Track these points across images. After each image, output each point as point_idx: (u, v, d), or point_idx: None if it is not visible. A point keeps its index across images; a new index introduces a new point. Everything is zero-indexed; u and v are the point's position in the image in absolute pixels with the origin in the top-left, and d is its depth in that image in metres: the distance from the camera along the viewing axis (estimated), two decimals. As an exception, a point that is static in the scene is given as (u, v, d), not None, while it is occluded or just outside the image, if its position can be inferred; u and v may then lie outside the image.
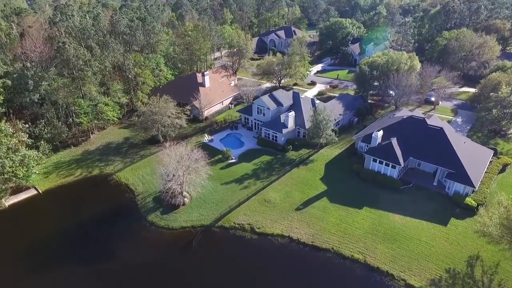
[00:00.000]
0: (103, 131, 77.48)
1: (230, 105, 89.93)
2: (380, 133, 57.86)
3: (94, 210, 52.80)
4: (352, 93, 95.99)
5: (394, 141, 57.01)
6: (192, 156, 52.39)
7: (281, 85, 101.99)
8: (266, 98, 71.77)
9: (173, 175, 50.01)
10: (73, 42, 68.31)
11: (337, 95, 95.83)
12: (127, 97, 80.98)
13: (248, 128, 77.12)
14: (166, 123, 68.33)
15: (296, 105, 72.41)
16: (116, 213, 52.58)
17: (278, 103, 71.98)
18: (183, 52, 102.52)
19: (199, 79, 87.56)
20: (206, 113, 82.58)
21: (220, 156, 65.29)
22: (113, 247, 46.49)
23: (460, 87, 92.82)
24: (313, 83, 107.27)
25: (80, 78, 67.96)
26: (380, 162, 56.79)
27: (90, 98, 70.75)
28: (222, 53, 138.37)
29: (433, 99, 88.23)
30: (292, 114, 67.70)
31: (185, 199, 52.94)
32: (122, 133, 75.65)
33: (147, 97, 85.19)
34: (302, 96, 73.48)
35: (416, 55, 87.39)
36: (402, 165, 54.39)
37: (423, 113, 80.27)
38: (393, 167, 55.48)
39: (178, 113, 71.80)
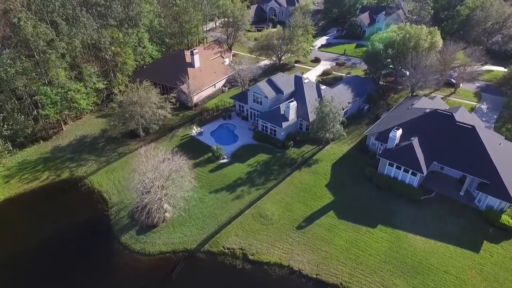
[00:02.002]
0: (78, 121, 67.91)
1: (224, 88, 79.51)
2: (399, 132, 48.39)
3: (58, 226, 44.57)
4: (361, 73, 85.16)
5: (415, 142, 47.73)
6: (173, 163, 43.58)
7: (281, 62, 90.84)
8: (263, 85, 61.47)
9: (150, 187, 41.41)
10: (32, 18, 56.98)
11: (344, 74, 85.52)
12: (104, 82, 70.50)
13: (243, 117, 67.42)
14: (147, 115, 58.71)
15: (298, 92, 62.29)
16: (84, 231, 44.40)
17: (278, 90, 61.80)
18: (170, 25, 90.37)
19: (188, 59, 76.53)
20: (196, 98, 72.51)
21: (209, 155, 56.28)
22: (74, 278, 38.64)
23: (482, 65, 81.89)
24: (317, 60, 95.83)
25: (43, 62, 57.35)
26: (398, 167, 47.89)
27: (59, 85, 60.49)
28: (217, 23, 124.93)
29: (453, 80, 77.75)
30: (293, 104, 57.80)
31: (166, 213, 44.65)
32: (99, 124, 66.10)
33: (128, 79, 75.24)
34: (305, 81, 63.15)
35: (438, 29, 75.50)
36: (425, 173, 45.49)
37: (442, 98, 70.49)
38: (414, 174, 46.65)
39: (162, 101, 61.99)
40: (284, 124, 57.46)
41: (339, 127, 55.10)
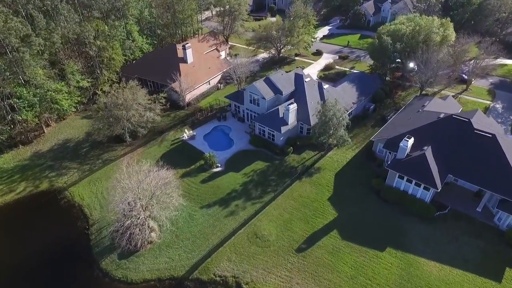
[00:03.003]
0: (62, 123, 62.88)
1: (219, 85, 74.16)
2: (411, 142, 43.50)
3: (31, 248, 40.27)
4: (365, 68, 79.71)
5: (428, 152, 42.94)
6: (159, 177, 39.01)
7: (280, 55, 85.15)
8: (260, 85, 56.20)
9: (132, 208, 36.91)
10: (3, 11, 51.34)
11: (347, 69, 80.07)
12: (89, 79, 65.21)
13: (239, 118, 62.41)
14: (133, 119, 53.74)
15: (299, 92, 57.10)
16: (61, 253, 40.01)
17: (276, 90, 56.60)
18: (162, 15, 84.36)
19: (180, 53, 70.96)
20: (189, 97, 67.36)
21: (202, 162, 51.60)
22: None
23: (495, 58, 76.28)
24: (319, 53, 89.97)
25: (17, 61, 52.04)
26: (409, 181, 43.25)
27: (37, 85, 55.34)
28: (213, 12, 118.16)
29: (465, 76, 72.35)
30: (293, 107, 52.75)
31: (152, 233, 40.25)
32: (84, 126, 61.11)
33: (116, 76, 69.98)
34: (306, 80, 57.89)
35: (451, 21, 69.59)
36: (439, 189, 40.83)
37: (453, 96, 65.40)
38: (426, 188, 42.04)
39: (151, 103, 56.97)
40: (283, 129, 52.57)
41: (343, 132, 50.23)
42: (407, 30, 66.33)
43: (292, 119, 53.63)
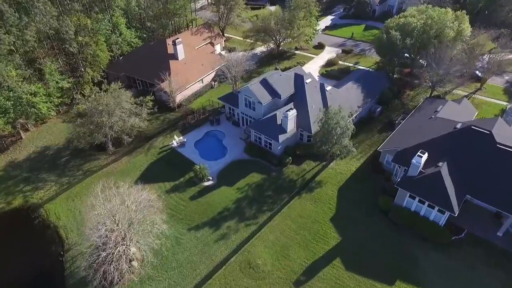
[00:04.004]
0: (42, 127, 57.93)
1: (213, 83, 68.77)
2: (424, 158, 38.63)
3: None
4: (371, 63, 74.22)
5: (444, 170, 38.11)
6: (140, 199, 34.47)
7: (280, 49, 79.33)
8: (256, 87, 50.88)
9: (107, 239, 32.43)
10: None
11: (351, 65, 74.53)
12: (70, 79, 59.91)
13: (233, 122, 57.41)
14: (116, 126, 48.79)
15: (298, 95, 51.89)
16: (30, 283, 35.86)
17: (274, 93, 51.36)
18: (152, 5, 78.13)
19: (170, 49, 65.36)
20: (180, 98, 62.20)
21: (191, 175, 46.91)
22: None
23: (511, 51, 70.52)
24: (320, 46, 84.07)
25: (-15, 62, 46.90)
26: (421, 201, 38.61)
27: (10, 88, 50.20)
28: (209, 0, 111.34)
29: (479, 73, 66.88)
30: (292, 114, 47.68)
31: (133, 262, 35.91)
32: (65, 131, 56.16)
33: (101, 75, 64.62)
34: (307, 81, 52.57)
35: (466, 14, 63.49)
36: (457, 213, 36.17)
37: (467, 97, 60.19)
38: (441, 211, 37.42)
39: (137, 107, 51.96)
40: (281, 138, 47.63)
41: (347, 142, 45.27)
42: (418, 24, 60.47)
43: (291, 126, 48.64)
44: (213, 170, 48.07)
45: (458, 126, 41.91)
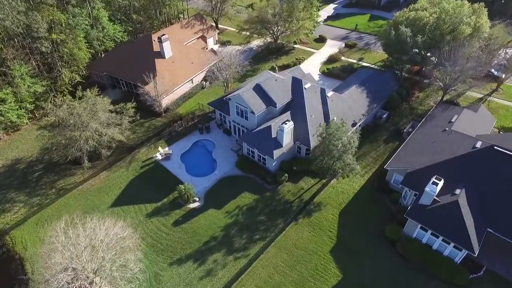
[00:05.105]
0: (14, 135, 52.76)
1: (204, 83, 62.98)
2: (440, 185, 33.53)
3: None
4: (376, 59, 68.24)
5: (462, 199, 33.08)
6: (112, 236, 29.80)
7: (278, 42, 73.01)
8: (249, 95, 45.22)
9: (73, 286, 27.85)
10: None
11: (355, 61, 68.60)
12: (45, 82, 54.27)
13: (225, 130, 52.08)
14: (91, 141, 43.55)
15: (296, 102, 46.37)
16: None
17: (269, 101, 45.84)
18: (138, -4, 71.55)
19: (156, 47, 59.30)
20: (167, 101, 56.70)
21: (176, 195, 42.03)
22: None
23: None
24: (322, 39, 77.67)
25: None
26: (435, 235, 33.77)
27: (-28, 96, 44.88)
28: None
29: (496, 72, 60.93)
30: (289, 127, 42.27)
31: (104, 308, 31.48)
32: (40, 139, 50.86)
33: (82, 76, 58.98)
34: (306, 86, 46.93)
35: (485, 6, 56.88)
36: (477, 253, 31.35)
37: (481, 100, 54.78)
38: (458, 248, 32.63)
39: (117, 113, 46.70)
40: (276, 153, 42.41)
41: (351, 159, 39.94)
42: (431, 19, 54.19)
43: (287, 140, 43.35)
44: (200, 188, 43.17)
45: (478, 145, 36.56)
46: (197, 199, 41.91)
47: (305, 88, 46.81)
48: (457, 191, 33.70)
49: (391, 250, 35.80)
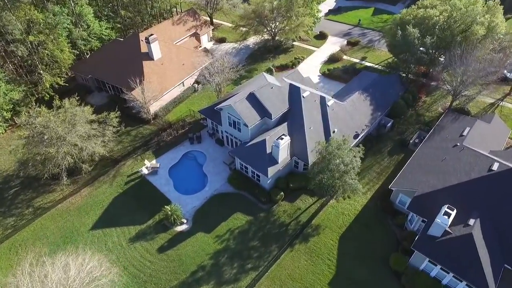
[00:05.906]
0: (-9, 143, 49.44)
1: (196, 86, 58.95)
2: (453, 215, 30.04)
3: None
4: (380, 59, 64.03)
5: (476, 230, 29.64)
6: (85, 273, 26.62)
7: (276, 39, 68.54)
8: (242, 106, 41.27)
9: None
10: None
11: (357, 61, 64.47)
12: (23, 87, 50.38)
13: (217, 140, 48.40)
14: (69, 156, 39.98)
15: (294, 113, 42.56)
16: None
17: (263, 112, 41.98)
18: (126, -11, 66.84)
19: (144, 47, 55.10)
20: (155, 107, 52.88)
21: (162, 216, 38.70)
22: None
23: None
24: (322, 36, 73.08)
25: None
26: (445, 270, 30.46)
27: None
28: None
29: (508, 74, 56.90)
30: (285, 142, 38.51)
31: None
32: (19, 150, 47.29)
33: (64, 79, 55.07)
34: (304, 95, 43.03)
35: (500, 4, 52.23)
36: (493, 293, 28.16)
37: (492, 104, 50.91)
38: (471, 287, 29.35)
39: (99, 124, 43.02)
40: (271, 170, 38.82)
41: (352, 179, 36.24)
42: (441, 18, 49.79)
43: (283, 155, 39.73)
44: (188, 208, 39.81)
45: (495, 167, 32.89)
46: (185, 220, 38.57)
47: (303, 97, 42.92)
48: (471, 221, 30.26)
49: (396, 281, 32.59)
